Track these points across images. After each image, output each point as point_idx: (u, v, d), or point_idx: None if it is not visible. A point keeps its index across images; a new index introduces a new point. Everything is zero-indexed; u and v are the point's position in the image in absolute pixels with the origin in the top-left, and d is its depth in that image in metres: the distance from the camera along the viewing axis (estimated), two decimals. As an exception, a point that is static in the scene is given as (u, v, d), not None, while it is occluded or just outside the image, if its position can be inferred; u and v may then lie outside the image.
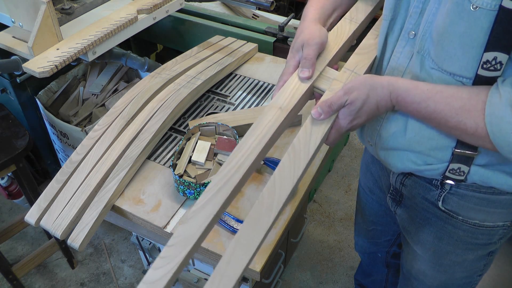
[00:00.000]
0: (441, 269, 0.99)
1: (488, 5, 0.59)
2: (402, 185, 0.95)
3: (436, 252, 0.96)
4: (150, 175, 1.11)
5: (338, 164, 2.40)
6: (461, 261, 0.95)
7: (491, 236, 0.89)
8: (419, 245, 0.99)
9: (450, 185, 0.84)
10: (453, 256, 0.94)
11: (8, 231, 1.76)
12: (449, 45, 0.67)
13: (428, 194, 0.89)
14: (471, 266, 0.97)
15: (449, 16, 0.65)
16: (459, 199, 0.85)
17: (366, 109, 0.73)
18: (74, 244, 0.95)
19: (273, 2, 1.60)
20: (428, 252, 0.98)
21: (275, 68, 1.48)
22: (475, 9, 0.61)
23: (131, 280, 1.85)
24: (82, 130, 1.52)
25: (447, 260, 0.96)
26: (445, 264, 0.97)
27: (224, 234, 0.96)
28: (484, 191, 0.82)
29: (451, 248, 0.93)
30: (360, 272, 1.59)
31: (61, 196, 1.03)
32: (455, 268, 0.97)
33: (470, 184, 0.82)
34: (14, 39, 1.37)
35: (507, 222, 0.86)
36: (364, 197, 1.23)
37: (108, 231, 2.03)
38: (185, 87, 1.27)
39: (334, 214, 2.13)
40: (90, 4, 1.51)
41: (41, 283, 1.85)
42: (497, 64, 0.63)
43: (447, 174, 0.81)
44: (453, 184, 0.83)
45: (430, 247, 0.96)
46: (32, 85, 1.70)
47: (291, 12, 3.34)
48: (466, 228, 0.88)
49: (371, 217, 1.24)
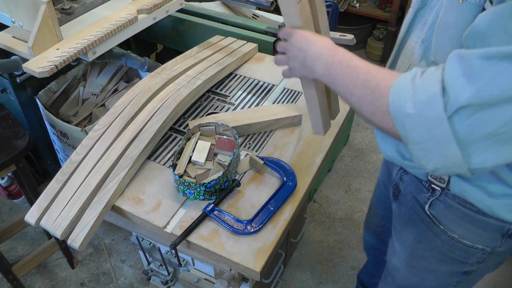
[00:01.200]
0: (413, 272, 0.99)
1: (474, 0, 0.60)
2: (400, 180, 0.96)
3: (413, 253, 0.96)
4: (150, 175, 1.11)
5: (338, 164, 2.40)
6: (433, 270, 0.94)
7: (468, 256, 0.85)
8: (399, 242, 1.00)
9: (439, 192, 0.83)
10: (427, 263, 0.93)
11: (8, 231, 1.76)
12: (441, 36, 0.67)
13: (419, 195, 0.89)
14: (443, 279, 0.95)
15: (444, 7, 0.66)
16: (444, 207, 0.84)
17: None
18: (74, 244, 0.95)
19: (273, 2, 1.60)
20: (406, 251, 0.98)
21: (275, 68, 1.48)
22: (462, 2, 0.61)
23: (131, 280, 1.85)
24: (82, 130, 1.52)
25: (421, 264, 0.95)
26: (418, 268, 0.96)
27: (224, 234, 0.96)
28: (469, 206, 0.79)
29: (427, 254, 0.92)
30: (365, 272, 1.60)
31: (61, 196, 1.03)
32: (427, 275, 0.96)
33: (456, 196, 0.81)
34: (14, 39, 1.37)
35: (487, 247, 0.82)
36: (378, 191, 1.24)
37: (108, 231, 2.03)
38: (185, 87, 1.27)
39: (334, 214, 2.13)
40: (90, 4, 1.51)
41: (41, 283, 1.85)
42: None
43: (429, 178, 0.82)
44: (441, 191, 0.83)
45: (408, 247, 0.96)
46: (32, 85, 1.70)
47: (291, 12, 3.33)
48: (444, 239, 0.86)
49: (382, 211, 1.24)
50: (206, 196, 1.03)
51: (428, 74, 0.58)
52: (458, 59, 0.54)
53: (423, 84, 0.57)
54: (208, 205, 1.00)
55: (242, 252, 0.92)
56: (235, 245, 0.94)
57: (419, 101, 0.57)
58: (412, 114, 0.57)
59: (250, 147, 1.18)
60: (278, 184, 1.07)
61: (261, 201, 1.02)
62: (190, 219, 0.99)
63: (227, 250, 0.93)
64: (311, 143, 1.17)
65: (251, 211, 1.00)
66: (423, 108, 0.57)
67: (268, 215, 0.98)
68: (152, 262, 1.42)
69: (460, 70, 0.54)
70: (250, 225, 0.96)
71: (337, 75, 0.70)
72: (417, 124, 0.58)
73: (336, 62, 0.71)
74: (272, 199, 1.02)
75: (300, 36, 0.78)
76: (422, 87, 0.57)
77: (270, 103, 1.33)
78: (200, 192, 1.01)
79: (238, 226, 0.96)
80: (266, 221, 0.97)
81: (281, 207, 1.01)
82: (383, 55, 3.12)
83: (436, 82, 0.56)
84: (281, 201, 1.01)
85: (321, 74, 0.74)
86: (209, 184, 1.00)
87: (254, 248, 0.93)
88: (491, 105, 0.52)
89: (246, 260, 0.91)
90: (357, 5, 3.04)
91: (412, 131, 0.59)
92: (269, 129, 1.23)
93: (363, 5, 3.05)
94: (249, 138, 1.21)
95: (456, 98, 0.54)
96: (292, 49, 0.80)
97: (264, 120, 1.20)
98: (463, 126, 0.55)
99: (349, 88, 0.68)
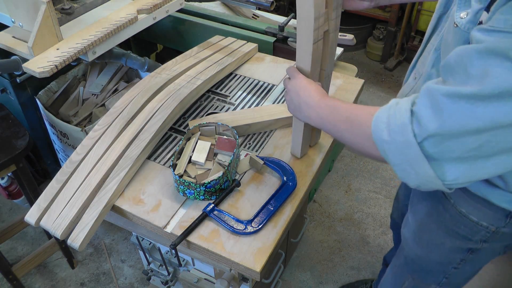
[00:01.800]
0: (420, 243, 1.03)
1: (462, 26, 0.69)
2: None
3: (422, 225, 1.01)
4: (150, 175, 1.11)
5: (338, 164, 2.40)
6: (439, 244, 0.98)
7: (473, 233, 0.90)
8: (412, 214, 1.05)
9: None
10: (433, 235, 0.98)
11: (8, 231, 1.76)
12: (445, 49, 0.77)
13: None
14: (447, 254, 0.98)
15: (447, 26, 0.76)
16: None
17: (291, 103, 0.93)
18: (74, 244, 0.95)
19: (273, 2, 1.60)
20: (416, 223, 1.03)
21: (275, 68, 1.48)
22: (456, 27, 0.70)
23: (131, 280, 1.85)
24: (82, 130, 1.52)
25: (427, 236, 1.00)
26: (425, 240, 1.01)
27: (224, 234, 0.96)
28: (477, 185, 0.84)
29: (434, 227, 0.96)
30: (391, 254, 1.62)
31: (61, 196, 1.03)
32: (432, 248, 1.00)
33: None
34: (14, 39, 1.37)
35: (491, 226, 0.86)
36: None
37: (108, 231, 2.03)
38: (185, 87, 1.27)
39: (334, 214, 2.13)
40: (90, 4, 1.51)
41: (41, 283, 1.85)
42: None
43: None
44: None
45: (419, 219, 1.01)
46: (32, 85, 1.70)
47: (291, 12, 3.33)
48: (453, 213, 0.90)
49: (404, 190, 1.30)
50: (206, 196, 1.03)
51: (400, 105, 0.66)
52: (428, 93, 0.63)
53: (395, 113, 0.66)
54: (208, 205, 1.00)
55: (242, 252, 0.92)
56: (235, 245, 0.94)
57: (392, 129, 0.66)
58: (388, 140, 0.66)
59: (250, 147, 1.18)
60: (278, 184, 1.07)
61: (261, 201, 1.02)
62: (190, 219, 0.99)
63: (227, 250, 0.93)
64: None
65: (251, 211, 1.00)
66: (395, 135, 0.65)
67: (268, 215, 0.98)
68: (152, 262, 1.42)
69: (429, 103, 0.62)
70: (250, 225, 0.96)
71: (324, 115, 0.83)
72: (392, 149, 0.66)
73: (324, 106, 0.84)
74: (272, 199, 1.02)
75: (300, 82, 0.90)
76: (394, 116, 0.66)
77: (270, 103, 1.34)
78: (200, 192, 1.01)
79: (238, 226, 0.96)
80: (266, 221, 0.97)
81: (281, 207, 1.01)
82: (383, 55, 3.12)
83: (405, 111, 0.64)
84: (281, 201, 1.01)
85: (313, 119, 0.87)
86: (209, 184, 1.00)
87: (254, 248, 0.93)
88: (454, 136, 0.60)
89: (246, 260, 0.91)
90: (357, 5, 3.03)
91: (390, 155, 0.67)
92: (269, 129, 1.23)
93: (363, 5, 3.05)
94: (249, 138, 1.21)
95: (426, 128, 0.62)
96: (292, 92, 0.92)
97: (264, 120, 1.20)
98: (434, 150, 0.63)
99: (335, 125, 0.80)
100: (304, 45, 0.88)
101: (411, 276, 1.10)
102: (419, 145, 0.63)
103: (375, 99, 2.87)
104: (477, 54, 0.57)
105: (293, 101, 0.92)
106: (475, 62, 0.57)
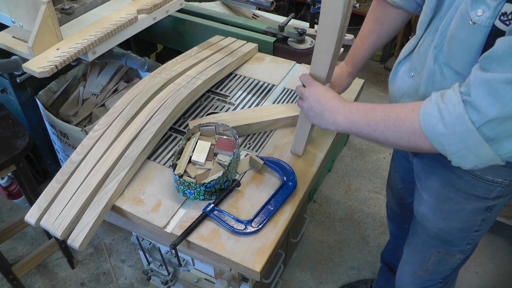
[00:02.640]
0: (441, 215, 1.04)
1: (483, 23, 0.72)
2: None
3: (439, 197, 1.02)
4: (150, 175, 1.11)
5: (338, 164, 2.40)
6: (459, 210, 1.00)
7: (489, 191, 0.94)
8: (425, 190, 1.06)
9: None
10: (453, 203, 1.00)
11: (8, 231, 1.76)
12: (454, 46, 0.79)
13: None
14: (469, 218, 1.01)
15: (456, 23, 0.78)
16: None
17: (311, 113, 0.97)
18: (74, 244, 0.95)
19: (273, 2, 1.60)
20: (432, 197, 1.04)
21: (275, 68, 1.48)
22: (473, 24, 0.73)
23: (131, 280, 1.85)
24: (82, 130, 1.52)
25: (447, 206, 1.02)
26: (445, 210, 1.03)
27: (224, 234, 0.96)
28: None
29: (452, 195, 0.99)
30: (387, 249, 1.64)
31: (61, 196, 1.03)
32: (453, 216, 1.02)
33: None
34: (14, 39, 1.37)
35: (505, 180, 0.92)
36: (396, 154, 1.31)
37: (108, 231, 2.03)
38: (185, 87, 1.27)
39: (334, 214, 2.13)
40: (90, 4, 1.51)
41: (41, 283, 1.85)
42: None
43: None
44: None
45: (434, 192, 1.03)
46: (32, 85, 1.70)
47: (291, 12, 3.34)
48: (467, 178, 0.94)
49: (401, 174, 1.32)
50: (206, 196, 1.03)
51: (448, 99, 0.73)
52: (483, 83, 0.68)
53: (447, 108, 0.72)
54: (208, 205, 1.00)
55: (242, 252, 0.92)
56: (235, 245, 0.94)
57: (448, 122, 0.72)
58: (445, 132, 0.73)
59: (250, 147, 1.18)
60: (278, 184, 1.07)
61: (261, 201, 1.02)
62: (190, 219, 0.99)
63: (227, 250, 0.93)
64: (311, 143, 1.17)
65: (251, 211, 1.00)
66: (453, 126, 0.72)
67: (268, 215, 0.98)
68: (152, 262, 1.42)
69: (486, 91, 0.68)
70: (250, 225, 0.96)
71: (357, 120, 0.87)
72: (452, 139, 0.73)
73: (354, 110, 0.88)
74: (272, 199, 1.02)
75: (318, 90, 0.94)
76: (446, 110, 0.72)
77: (270, 103, 1.34)
78: (200, 192, 1.01)
79: (238, 226, 0.96)
80: (266, 221, 0.97)
81: (281, 207, 1.01)
82: (383, 55, 3.12)
83: (457, 103, 0.71)
84: (281, 201, 1.01)
85: (341, 124, 0.90)
86: (209, 184, 1.00)
87: (254, 248, 0.93)
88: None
89: (246, 260, 0.91)
90: (357, 5, 3.04)
91: (449, 145, 0.74)
92: (269, 129, 1.23)
93: (363, 5, 3.05)
94: (249, 138, 1.21)
95: (487, 114, 0.68)
96: (311, 99, 0.95)
97: (264, 120, 1.20)
98: (492, 132, 0.70)
99: (371, 125, 0.84)
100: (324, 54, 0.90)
101: (436, 250, 1.12)
102: (477, 131, 0.70)
103: (375, 99, 2.87)
104: None
105: (313, 108, 0.95)
106: None
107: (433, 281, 1.21)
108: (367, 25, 1.13)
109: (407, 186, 1.30)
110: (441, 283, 1.21)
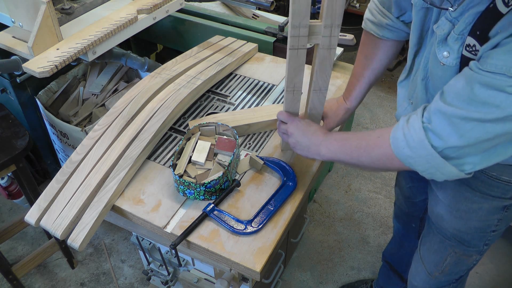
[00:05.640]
0: (458, 215, 1.04)
1: (450, 63, 0.80)
2: None
3: (455, 197, 1.03)
4: (150, 175, 1.11)
5: (338, 164, 2.40)
6: (476, 209, 1.01)
7: (506, 192, 0.96)
8: (441, 190, 1.06)
9: None
10: (470, 203, 1.01)
11: (8, 231, 1.76)
12: (436, 80, 0.87)
13: None
14: (486, 217, 1.02)
15: (432, 61, 0.85)
16: None
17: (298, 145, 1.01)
18: (74, 244, 0.95)
19: (273, 2, 1.60)
20: (448, 197, 1.04)
21: (275, 68, 1.48)
22: (443, 65, 0.81)
23: (131, 280, 1.85)
24: (82, 130, 1.52)
25: (464, 205, 1.02)
26: (462, 210, 1.03)
27: (224, 234, 0.96)
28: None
29: (469, 195, 1.00)
30: (389, 248, 1.63)
31: (61, 196, 1.03)
32: (471, 215, 1.03)
33: None
34: (14, 39, 1.37)
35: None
36: None
37: (108, 231, 2.03)
38: (185, 87, 1.27)
39: (334, 214, 2.13)
40: (90, 4, 1.51)
41: (41, 283, 1.85)
42: None
43: None
44: None
45: (451, 192, 1.04)
46: (32, 85, 1.70)
47: (291, 12, 3.32)
48: (484, 179, 0.95)
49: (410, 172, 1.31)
50: (206, 196, 1.03)
51: (411, 124, 0.79)
52: (443, 115, 0.75)
53: (409, 133, 0.79)
54: (208, 205, 1.00)
55: (242, 252, 0.92)
56: (235, 245, 0.94)
57: (412, 146, 0.78)
58: (411, 155, 0.79)
59: (250, 147, 1.18)
60: (278, 184, 1.07)
61: (261, 201, 1.02)
62: (190, 219, 0.99)
63: (227, 250, 0.93)
64: (311, 143, 1.17)
65: (251, 211, 1.00)
66: (417, 150, 0.78)
67: (268, 215, 0.98)
68: (152, 262, 1.42)
69: (446, 122, 0.74)
70: (250, 225, 0.96)
71: (336, 150, 0.94)
72: (418, 161, 0.79)
73: (333, 141, 0.95)
74: (272, 199, 1.02)
75: (301, 125, 1.00)
76: (410, 135, 0.79)
77: (270, 103, 1.33)
78: (200, 192, 1.01)
79: (238, 226, 0.96)
80: (266, 221, 0.97)
81: (281, 207, 1.01)
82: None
83: (419, 129, 0.77)
84: (281, 201, 1.01)
85: (325, 155, 0.95)
86: (209, 184, 1.00)
87: (254, 248, 0.93)
88: (471, 145, 0.74)
89: (246, 260, 0.91)
90: (357, 5, 3.04)
91: (417, 166, 0.81)
92: (269, 129, 1.23)
93: (363, 5, 3.05)
94: (249, 138, 1.21)
95: (447, 141, 0.75)
96: (296, 135, 1.00)
97: (264, 120, 1.20)
98: (454, 155, 0.77)
99: (348, 154, 0.91)
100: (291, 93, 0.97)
101: (453, 251, 1.12)
102: (439, 154, 0.76)
103: (375, 99, 2.87)
104: (479, 84, 0.69)
105: (300, 143, 0.99)
106: (478, 91, 0.69)
107: (448, 281, 1.22)
108: (359, 62, 1.15)
109: (416, 184, 1.30)
110: (454, 283, 1.22)
